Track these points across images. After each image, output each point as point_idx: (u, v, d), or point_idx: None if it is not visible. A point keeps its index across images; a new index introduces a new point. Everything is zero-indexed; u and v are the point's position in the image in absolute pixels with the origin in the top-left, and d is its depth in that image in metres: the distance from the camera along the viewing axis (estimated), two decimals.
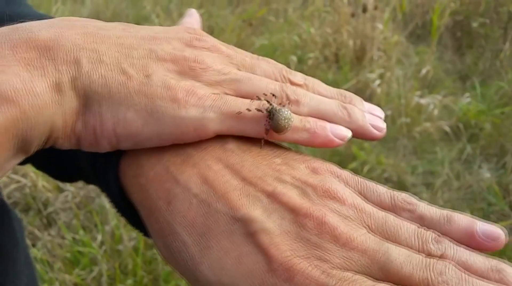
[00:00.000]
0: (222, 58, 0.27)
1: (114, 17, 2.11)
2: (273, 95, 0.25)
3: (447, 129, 1.67)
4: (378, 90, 1.69)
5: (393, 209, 0.23)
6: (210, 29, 2.05)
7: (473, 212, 1.31)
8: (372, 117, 0.27)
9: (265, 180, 0.23)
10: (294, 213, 0.21)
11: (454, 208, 1.24)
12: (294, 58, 1.81)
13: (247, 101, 0.25)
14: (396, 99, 1.72)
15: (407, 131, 1.64)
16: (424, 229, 0.21)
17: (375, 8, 1.88)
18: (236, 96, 0.25)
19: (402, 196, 0.23)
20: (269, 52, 1.90)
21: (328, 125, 0.26)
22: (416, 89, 1.78)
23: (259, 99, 0.25)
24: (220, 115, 0.24)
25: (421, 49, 2.12)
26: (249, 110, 0.24)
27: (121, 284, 1.03)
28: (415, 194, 1.16)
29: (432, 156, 1.57)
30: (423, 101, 1.75)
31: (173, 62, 0.25)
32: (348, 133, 0.26)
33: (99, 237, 1.10)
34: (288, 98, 0.26)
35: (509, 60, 2.07)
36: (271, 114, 0.24)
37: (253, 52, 0.30)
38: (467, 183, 1.46)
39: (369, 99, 1.70)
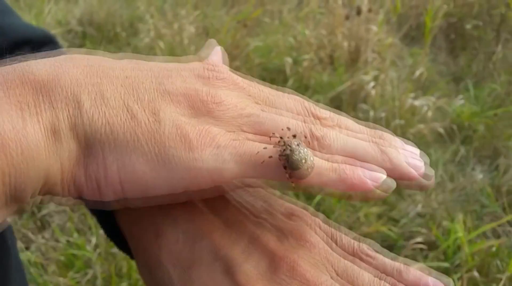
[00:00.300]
0: (238, 91, 0.24)
1: (108, 17, 2.10)
2: (292, 133, 0.22)
3: (441, 130, 1.68)
4: (373, 92, 1.70)
5: (357, 256, 0.24)
6: (205, 30, 2.05)
7: (467, 214, 1.32)
8: (409, 154, 0.24)
9: (245, 224, 0.24)
10: (270, 257, 0.22)
11: (448, 210, 1.25)
12: (289, 60, 1.81)
13: (267, 140, 0.22)
14: (390, 101, 1.73)
15: (401, 133, 1.64)
16: (379, 278, 0.23)
17: (369, 10, 1.88)
18: (256, 134, 0.23)
19: (362, 248, 0.24)
20: (264, 53, 1.90)
21: (360, 165, 0.23)
22: (410, 91, 1.79)
23: (274, 136, 0.22)
24: (237, 158, 0.21)
25: (415, 51, 2.13)
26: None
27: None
28: (409, 196, 1.17)
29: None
30: (417, 103, 1.76)
31: (184, 97, 0.22)
32: (383, 175, 0.23)
33: (94, 240, 1.10)
34: (312, 134, 0.23)
35: (502, 62, 2.09)
36: (285, 156, 0.22)
37: (248, 54, 0.28)
38: (460, 185, 1.47)
39: (363, 101, 1.71)
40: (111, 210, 0.25)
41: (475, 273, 1.09)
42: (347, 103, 1.70)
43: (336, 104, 1.73)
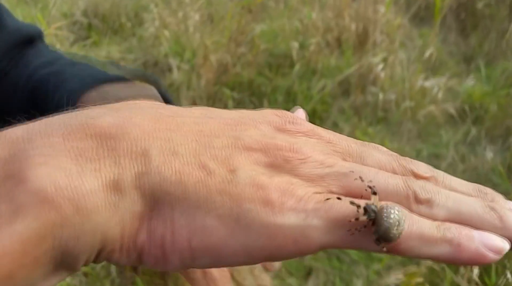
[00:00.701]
0: (323, 146, 0.21)
1: (112, 8, 2.10)
2: (374, 192, 0.19)
3: (452, 111, 1.65)
4: (382, 74, 1.68)
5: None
6: (210, 17, 2.04)
7: None
8: None
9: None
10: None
11: None
12: (295, 44, 1.79)
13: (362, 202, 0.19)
14: (400, 82, 1.71)
15: (411, 114, 1.62)
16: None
17: None
18: (346, 195, 0.20)
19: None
20: (270, 38, 1.89)
21: (477, 234, 0.20)
22: (420, 72, 1.77)
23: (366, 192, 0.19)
24: (327, 222, 0.18)
25: (424, 31, 2.09)
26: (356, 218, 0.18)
27: (130, 271, 1.04)
28: None
29: (437, 139, 1.56)
30: (427, 84, 1.73)
31: (263, 153, 0.20)
32: (505, 245, 0.20)
33: None
34: (416, 197, 0.20)
35: None
36: (373, 219, 0.18)
37: (253, 39, 0.27)
38: (472, 165, 1.45)
39: (372, 83, 1.69)
40: None
41: None
42: (355, 86, 1.68)
43: (345, 87, 1.72)
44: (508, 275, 1.02)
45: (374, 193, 0.19)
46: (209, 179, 0.18)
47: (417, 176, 0.21)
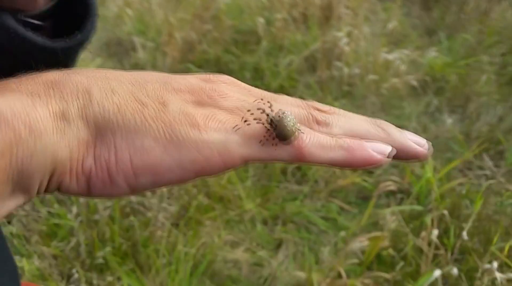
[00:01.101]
0: (241, 90, 0.25)
1: None
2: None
3: (415, 83, 1.70)
4: (346, 48, 1.70)
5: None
6: None
7: (438, 160, 1.36)
8: (409, 134, 0.26)
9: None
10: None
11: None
12: (261, 20, 1.79)
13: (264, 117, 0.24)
14: (364, 56, 1.74)
15: (375, 88, 1.66)
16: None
17: None
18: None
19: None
20: (235, 15, 1.87)
21: (366, 142, 0.24)
22: (384, 45, 1.80)
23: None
24: (243, 137, 0.22)
25: (388, 5, 2.12)
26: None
27: (100, 251, 1.04)
28: None
29: (400, 111, 1.61)
30: (390, 57, 1.77)
31: (190, 93, 0.24)
32: (388, 148, 0.24)
33: (75, 209, 1.11)
34: (316, 120, 0.25)
35: (474, 12, 2.10)
36: (273, 123, 0.23)
37: (219, 15, 0.29)
38: (433, 134, 1.51)
39: (337, 58, 1.71)
40: None
41: (445, 212, 1.14)
42: (321, 61, 1.70)
43: (311, 63, 1.73)
44: (465, 236, 1.08)
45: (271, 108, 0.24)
46: (144, 109, 0.22)
47: (318, 109, 0.26)
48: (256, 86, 0.27)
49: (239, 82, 0.26)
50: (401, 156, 0.25)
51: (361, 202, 1.30)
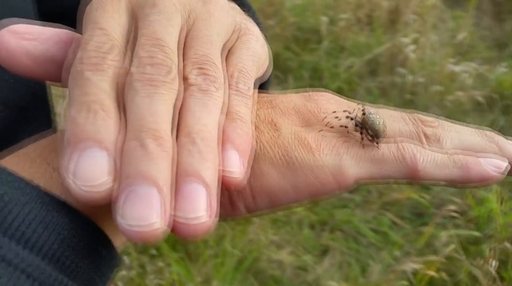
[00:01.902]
0: (342, 105, 0.26)
1: None
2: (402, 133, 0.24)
3: (480, 99, 1.61)
4: (412, 55, 1.63)
5: None
6: None
7: (504, 184, 1.28)
8: None
9: None
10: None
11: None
12: (325, 19, 1.74)
13: (385, 144, 0.24)
14: (429, 65, 1.67)
15: (439, 99, 1.59)
16: None
17: None
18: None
19: None
20: (299, 12, 1.84)
21: (481, 158, 0.24)
22: (451, 56, 1.71)
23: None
24: (357, 158, 0.23)
25: (458, 13, 2.02)
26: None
27: None
28: None
29: None
30: (457, 69, 1.68)
31: (297, 114, 0.24)
32: (503, 163, 0.24)
33: None
34: (426, 136, 0.24)
35: None
36: (363, 123, 0.24)
37: (281, 12, 0.28)
38: None
39: (401, 64, 1.65)
40: None
41: (507, 245, 1.07)
42: (384, 66, 1.65)
43: (372, 67, 1.68)
44: None
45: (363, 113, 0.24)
46: (261, 135, 0.23)
47: (425, 123, 0.25)
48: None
49: (337, 97, 0.26)
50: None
51: (415, 219, 1.25)
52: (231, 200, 0.22)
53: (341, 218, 1.23)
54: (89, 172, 0.16)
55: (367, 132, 0.24)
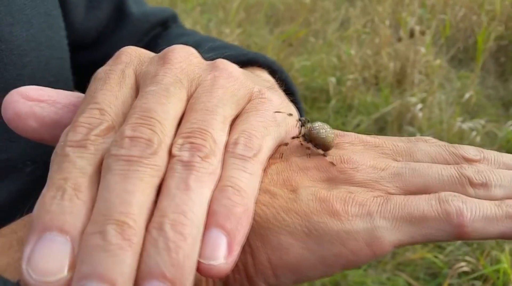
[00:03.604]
0: (371, 151, 0.22)
1: None
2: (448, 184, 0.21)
3: None
4: (420, 114, 1.66)
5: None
6: (249, 48, 2.08)
7: None
8: None
9: None
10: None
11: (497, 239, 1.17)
12: (333, 79, 1.80)
13: (424, 197, 0.20)
14: (437, 124, 1.69)
15: None
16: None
17: (422, 33, 1.86)
18: (404, 193, 0.21)
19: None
20: (307, 72, 1.91)
21: None
22: (458, 114, 1.74)
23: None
24: (393, 221, 0.19)
25: (463, 73, 2.07)
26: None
27: None
28: None
29: None
30: (465, 126, 1.70)
31: (318, 169, 0.21)
32: None
33: None
34: (471, 182, 0.21)
35: None
36: (304, 130, 0.22)
37: (293, 73, 0.27)
38: None
39: (409, 123, 1.67)
40: None
41: None
42: (392, 124, 1.67)
43: (380, 125, 1.70)
44: None
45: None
46: (274, 201, 0.20)
47: (468, 161, 0.22)
48: None
49: (366, 137, 0.23)
50: None
51: (430, 279, 1.20)
52: (248, 276, 0.19)
53: (354, 279, 1.20)
54: (44, 263, 0.15)
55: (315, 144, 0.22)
